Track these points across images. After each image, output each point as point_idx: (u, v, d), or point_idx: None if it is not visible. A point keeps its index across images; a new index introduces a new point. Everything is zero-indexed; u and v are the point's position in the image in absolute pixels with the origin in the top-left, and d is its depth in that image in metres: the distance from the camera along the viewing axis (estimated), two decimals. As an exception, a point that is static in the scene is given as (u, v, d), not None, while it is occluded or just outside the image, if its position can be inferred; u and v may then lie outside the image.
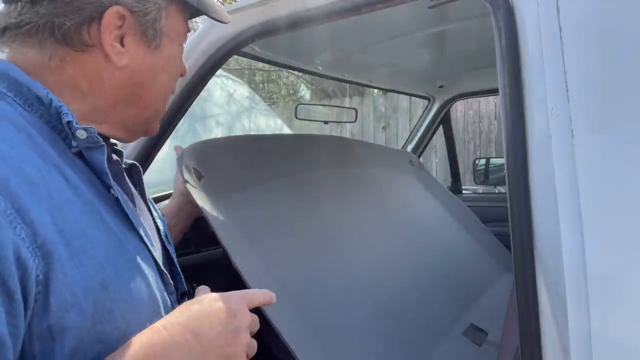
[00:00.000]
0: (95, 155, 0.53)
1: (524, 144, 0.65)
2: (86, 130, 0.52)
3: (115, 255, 0.50)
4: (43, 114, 0.51)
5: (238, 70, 7.79)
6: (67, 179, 0.49)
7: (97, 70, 0.56)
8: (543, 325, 0.61)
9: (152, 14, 0.58)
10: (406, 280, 1.40)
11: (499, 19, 0.68)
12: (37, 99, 0.51)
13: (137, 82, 0.59)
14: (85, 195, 0.50)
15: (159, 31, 0.59)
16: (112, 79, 0.57)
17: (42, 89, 0.51)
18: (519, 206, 0.64)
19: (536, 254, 0.62)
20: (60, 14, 0.52)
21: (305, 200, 1.32)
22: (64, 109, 0.51)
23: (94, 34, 0.54)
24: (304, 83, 9.04)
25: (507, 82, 0.67)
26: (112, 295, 0.48)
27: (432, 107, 2.47)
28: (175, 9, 0.62)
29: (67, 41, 0.53)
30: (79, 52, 0.54)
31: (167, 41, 0.61)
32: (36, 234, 0.42)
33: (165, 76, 0.63)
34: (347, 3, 0.87)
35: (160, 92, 0.63)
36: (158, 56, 0.60)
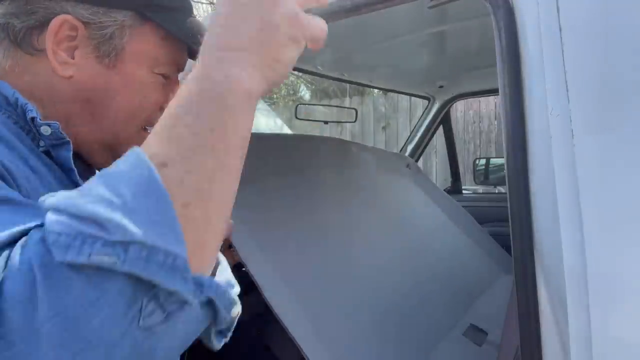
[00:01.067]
0: (61, 152, 0.53)
1: (524, 144, 0.65)
2: (50, 126, 0.51)
3: None
4: (11, 115, 0.51)
5: (238, 70, 7.77)
6: (34, 170, 0.49)
7: (48, 77, 0.54)
8: (543, 325, 0.61)
9: (108, 29, 0.55)
10: (406, 282, 1.41)
11: (498, 19, 0.68)
12: (4, 99, 0.51)
13: (85, 98, 0.56)
14: (52, 186, 0.50)
15: (117, 49, 0.55)
16: (60, 90, 0.55)
17: (8, 89, 0.51)
18: (519, 206, 0.64)
19: (536, 254, 0.62)
20: (15, 14, 0.52)
21: (304, 201, 1.32)
22: (28, 106, 0.51)
23: (42, 39, 0.53)
24: (304, 83, 9.04)
25: (507, 82, 0.67)
26: None
27: (432, 107, 2.47)
28: (149, 32, 0.57)
29: (18, 42, 0.53)
30: (27, 54, 0.53)
31: (130, 63, 0.57)
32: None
33: (124, 100, 0.57)
34: (347, 3, 0.87)
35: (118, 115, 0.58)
36: (114, 76, 0.56)
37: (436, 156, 5.57)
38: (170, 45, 0.60)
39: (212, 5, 6.60)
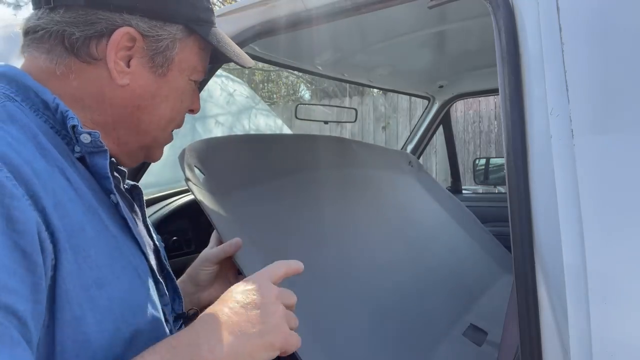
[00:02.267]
0: (97, 159, 0.55)
1: (524, 144, 0.65)
2: (90, 135, 0.53)
3: (113, 258, 0.51)
4: (48, 119, 0.53)
5: (238, 70, 7.79)
6: (69, 180, 0.50)
7: (100, 84, 0.56)
8: (543, 325, 0.61)
9: (164, 42, 0.59)
10: (406, 281, 1.41)
11: (498, 19, 0.68)
12: (43, 104, 0.52)
13: (136, 104, 0.59)
14: (87, 197, 0.51)
15: (169, 60, 0.60)
16: (112, 97, 0.57)
17: (49, 94, 0.53)
18: (519, 206, 0.64)
19: (536, 254, 0.62)
20: (73, 24, 0.54)
21: (305, 200, 1.32)
22: (70, 114, 0.52)
23: (101, 48, 0.55)
24: (303, 83, 9.04)
25: (507, 82, 0.67)
26: (110, 295, 0.48)
27: (432, 107, 2.47)
28: (192, 44, 0.62)
29: (74, 51, 0.54)
30: (83, 63, 0.55)
31: (176, 72, 0.61)
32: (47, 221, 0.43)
33: (168, 106, 0.62)
34: (347, 3, 0.87)
35: (159, 121, 0.63)
36: (163, 84, 0.61)
37: (436, 156, 5.57)
38: (204, 55, 0.65)
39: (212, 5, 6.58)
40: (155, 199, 1.55)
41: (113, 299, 0.49)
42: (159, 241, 0.74)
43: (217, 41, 0.64)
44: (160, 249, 0.71)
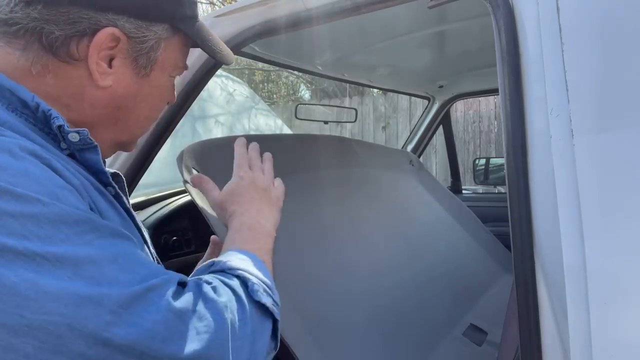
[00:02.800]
0: (89, 156, 0.53)
1: (524, 144, 0.65)
2: (79, 134, 0.51)
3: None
4: (28, 118, 0.50)
5: (238, 70, 7.79)
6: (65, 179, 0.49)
7: (80, 85, 0.54)
8: (543, 325, 0.61)
9: (149, 43, 0.56)
10: (406, 280, 1.40)
11: (498, 19, 0.68)
12: (21, 103, 0.49)
13: (117, 105, 0.57)
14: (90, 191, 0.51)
15: (152, 60, 0.58)
16: (93, 97, 0.55)
17: (27, 92, 0.50)
18: (519, 206, 0.64)
19: (536, 254, 0.62)
20: (52, 21, 0.50)
21: (306, 200, 1.32)
22: (53, 113, 0.50)
23: (82, 48, 0.52)
24: (303, 83, 9.04)
25: (507, 82, 0.67)
26: None
27: (432, 107, 2.47)
28: (176, 42, 0.60)
29: (52, 50, 0.51)
30: (63, 62, 0.52)
31: (158, 71, 0.59)
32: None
33: (148, 105, 0.61)
34: (347, 3, 0.87)
35: (139, 118, 0.62)
36: (144, 84, 0.59)
37: (436, 156, 5.57)
38: (186, 50, 0.64)
39: (212, 5, 6.59)
40: (155, 199, 1.55)
41: None
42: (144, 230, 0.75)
43: (202, 39, 0.62)
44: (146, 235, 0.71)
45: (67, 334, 0.37)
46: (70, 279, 0.39)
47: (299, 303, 1.01)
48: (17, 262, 0.37)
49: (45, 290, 0.37)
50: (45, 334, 0.37)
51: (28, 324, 0.37)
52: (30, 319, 0.37)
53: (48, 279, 0.38)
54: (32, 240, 0.38)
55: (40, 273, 0.38)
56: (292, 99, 8.92)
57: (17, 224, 0.38)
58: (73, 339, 0.38)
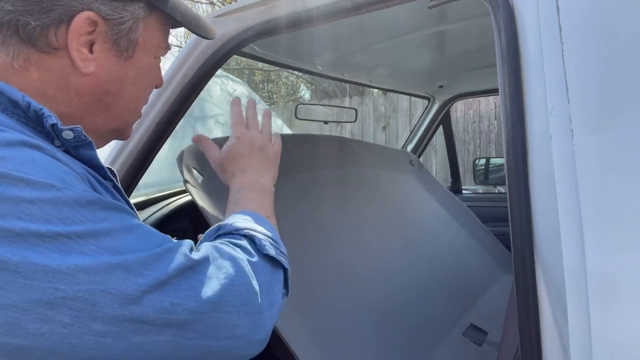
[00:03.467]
0: (84, 152, 0.54)
1: (524, 144, 0.65)
2: (73, 131, 0.51)
3: None
4: (20, 118, 0.50)
5: (238, 70, 7.79)
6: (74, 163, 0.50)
7: (64, 75, 0.53)
8: (543, 325, 0.61)
9: (127, 24, 0.55)
10: (406, 280, 1.40)
11: (498, 19, 0.68)
12: (11, 103, 0.49)
13: (103, 90, 0.57)
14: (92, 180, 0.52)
15: (133, 42, 0.57)
16: (78, 85, 0.54)
17: (17, 92, 0.49)
18: (519, 206, 0.64)
19: (536, 254, 0.62)
20: (27, 12, 0.49)
21: (306, 200, 1.32)
22: (45, 112, 0.50)
23: (61, 36, 0.51)
24: (303, 83, 9.04)
25: (507, 82, 0.67)
26: None
27: (432, 107, 2.47)
28: (154, 21, 0.59)
29: (32, 41, 0.50)
30: (43, 53, 0.51)
31: (141, 53, 0.59)
32: None
33: (135, 88, 0.61)
34: (347, 3, 0.87)
35: (129, 102, 0.61)
36: (129, 67, 0.58)
37: (436, 156, 5.57)
38: (167, 29, 0.63)
39: (212, 5, 6.59)
40: (155, 199, 1.55)
41: None
42: None
43: (180, 14, 0.61)
44: None
45: (101, 299, 0.40)
46: (95, 252, 0.42)
47: (300, 303, 1.01)
48: (43, 244, 0.39)
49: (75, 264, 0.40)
50: (80, 302, 0.40)
51: (63, 296, 0.39)
52: (65, 291, 0.39)
53: (75, 254, 0.41)
54: (54, 222, 0.41)
55: (66, 251, 0.40)
56: (292, 99, 8.92)
57: (35, 208, 0.40)
58: (108, 303, 0.41)
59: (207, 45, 1.05)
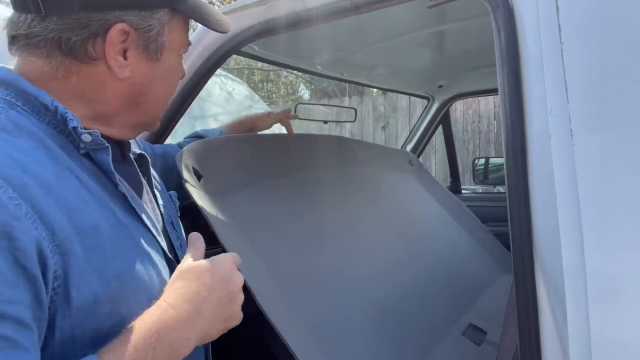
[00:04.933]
0: (101, 156, 0.58)
1: (524, 144, 0.65)
2: (91, 135, 0.56)
3: (128, 247, 0.55)
4: (51, 120, 0.55)
5: (237, 69, 7.78)
6: (80, 179, 0.53)
7: (101, 80, 0.58)
8: (542, 325, 0.61)
9: (155, 30, 0.60)
10: (405, 280, 1.41)
11: (498, 19, 0.68)
12: (43, 107, 0.54)
13: (137, 91, 0.62)
14: (98, 193, 0.55)
15: (161, 45, 0.62)
16: (114, 89, 0.60)
17: (47, 97, 0.54)
18: (519, 206, 0.64)
19: (535, 254, 0.62)
20: (68, 29, 0.55)
21: (305, 199, 1.32)
22: (69, 115, 0.55)
23: (98, 47, 0.57)
24: (303, 82, 9.04)
25: (506, 82, 0.67)
26: (126, 283, 0.53)
27: (432, 107, 2.47)
28: (177, 23, 0.64)
29: (73, 54, 0.56)
30: (84, 64, 0.57)
31: (167, 53, 0.63)
32: (54, 234, 0.46)
33: (163, 85, 0.66)
34: (347, 3, 0.87)
35: (158, 99, 0.66)
36: (158, 68, 0.63)
37: (435, 156, 5.57)
38: (187, 27, 0.67)
39: (212, 5, 6.58)
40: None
41: (129, 287, 0.53)
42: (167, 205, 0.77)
43: (200, 15, 0.66)
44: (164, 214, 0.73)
45: None
46: None
47: (299, 303, 1.01)
48: None
49: None
50: None
51: None
52: None
53: None
54: None
55: None
56: (292, 99, 8.91)
57: None
58: None
59: (207, 44, 1.05)
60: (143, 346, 0.48)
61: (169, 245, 0.69)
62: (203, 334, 0.55)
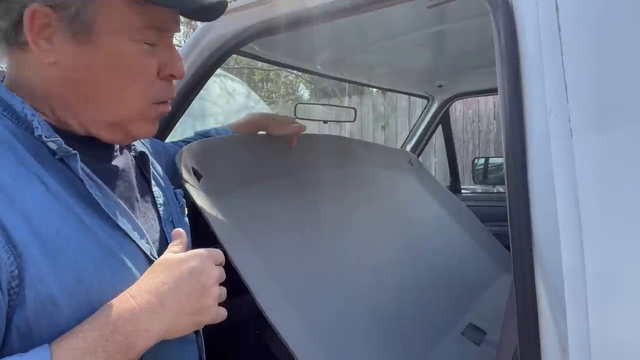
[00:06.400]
0: (71, 162, 0.56)
1: (523, 144, 0.65)
2: (55, 143, 0.55)
3: (94, 253, 0.54)
4: (28, 127, 0.54)
5: (237, 69, 7.78)
6: (47, 185, 0.53)
7: (35, 69, 0.56)
8: (542, 325, 0.61)
9: (72, 9, 0.54)
10: (405, 280, 1.41)
11: (498, 18, 0.68)
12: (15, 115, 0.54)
13: (73, 80, 0.56)
14: (65, 199, 0.54)
15: (86, 24, 0.54)
16: (50, 78, 0.56)
17: (18, 102, 0.54)
18: (518, 206, 0.64)
19: (535, 254, 0.62)
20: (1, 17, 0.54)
21: (305, 199, 1.32)
22: (35, 123, 0.54)
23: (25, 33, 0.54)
24: (303, 82, 9.04)
25: (506, 82, 0.67)
26: (89, 289, 0.52)
27: (431, 107, 2.47)
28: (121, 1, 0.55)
29: (9, 41, 0.55)
30: (19, 50, 0.56)
31: (106, 36, 0.55)
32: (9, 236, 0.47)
33: (112, 75, 0.57)
34: (347, 3, 0.87)
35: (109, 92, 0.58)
36: (94, 53, 0.55)
37: (435, 156, 5.57)
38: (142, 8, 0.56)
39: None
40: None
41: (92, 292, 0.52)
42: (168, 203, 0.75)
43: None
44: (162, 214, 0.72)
45: None
46: None
47: (299, 303, 1.01)
48: None
49: None
50: None
51: None
52: None
53: None
54: None
55: None
56: (292, 98, 8.91)
57: None
58: None
59: (206, 44, 1.05)
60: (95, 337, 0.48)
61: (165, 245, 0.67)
62: (167, 328, 0.53)
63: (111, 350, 0.48)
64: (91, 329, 0.49)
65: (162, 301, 0.53)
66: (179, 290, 0.55)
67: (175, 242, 0.63)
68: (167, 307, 0.53)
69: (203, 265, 0.58)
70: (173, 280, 0.55)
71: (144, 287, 0.54)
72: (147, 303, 0.52)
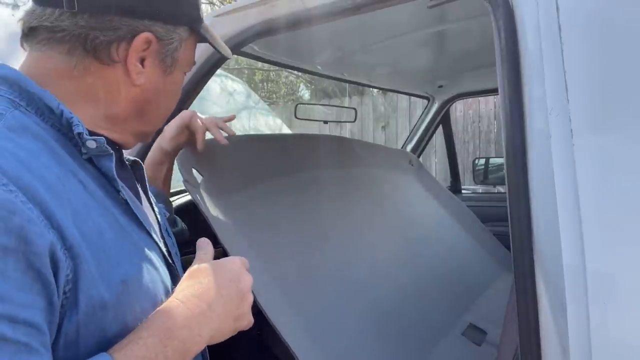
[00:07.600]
0: (104, 162, 0.57)
1: (524, 144, 0.65)
2: (96, 141, 0.55)
3: (131, 253, 0.55)
4: (54, 123, 0.54)
5: (237, 69, 7.79)
6: (83, 184, 0.53)
7: (116, 83, 0.60)
8: (542, 325, 0.61)
9: (174, 44, 0.63)
10: (405, 280, 1.41)
11: (498, 19, 0.68)
12: (48, 109, 0.53)
13: (145, 99, 0.63)
14: (100, 198, 0.54)
15: (175, 60, 0.64)
16: (127, 93, 0.61)
17: (53, 100, 0.54)
18: (519, 206, 0.64)
19: (535, 254, 0.62)
20: (97, 28, 0.56)
21: (305, 200, 1.32)
22: (75, 120, 0.54)
23: (121, 51, 0.58)
24: (303, 83, 9.05)
25: (506, 82, 0.67)
26: (131, 289, 0.52)
27: (432, 107, 2.47)
28: (191, 41, 0.67)
29: (95, 54, 0.57)
30: (103, 65, 0.58)
31: (178, 69, 0.66)
32: (64, 237, 0.46)
33: (168, 99, 0.68)
34: (347, 3, 0.87)
35: (160, 111, 0.68)
36: (167, 81, 0.65)
37: (435, 156, 5.57)
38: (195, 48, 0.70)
39: (212, 5, 6.59)
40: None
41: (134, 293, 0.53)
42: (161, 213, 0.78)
43: (211, 37, 0.70)
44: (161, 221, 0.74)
45: None
46: None
47: (299, 303, 1.01)
48: None
49: None
50: None
51: None
52: None
53: None
54: None
55: None
56: (292, 99, 8.92)
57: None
58: None
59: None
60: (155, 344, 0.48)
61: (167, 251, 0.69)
62: (214, 332, 0.55)
63: (170, 356, 0.49)
64: (150, 336, 0.49)
65: (210, 306, 0.54)
66: (223, 296, 0.56)
67: (202, 250, 0.64)
68: (215, 312, 0.55)
69: (239, 271, 0.61)
70: (216, 286, 0.56)
71: (191, 293, 0.55)
72: (198, 308, 0.53)
